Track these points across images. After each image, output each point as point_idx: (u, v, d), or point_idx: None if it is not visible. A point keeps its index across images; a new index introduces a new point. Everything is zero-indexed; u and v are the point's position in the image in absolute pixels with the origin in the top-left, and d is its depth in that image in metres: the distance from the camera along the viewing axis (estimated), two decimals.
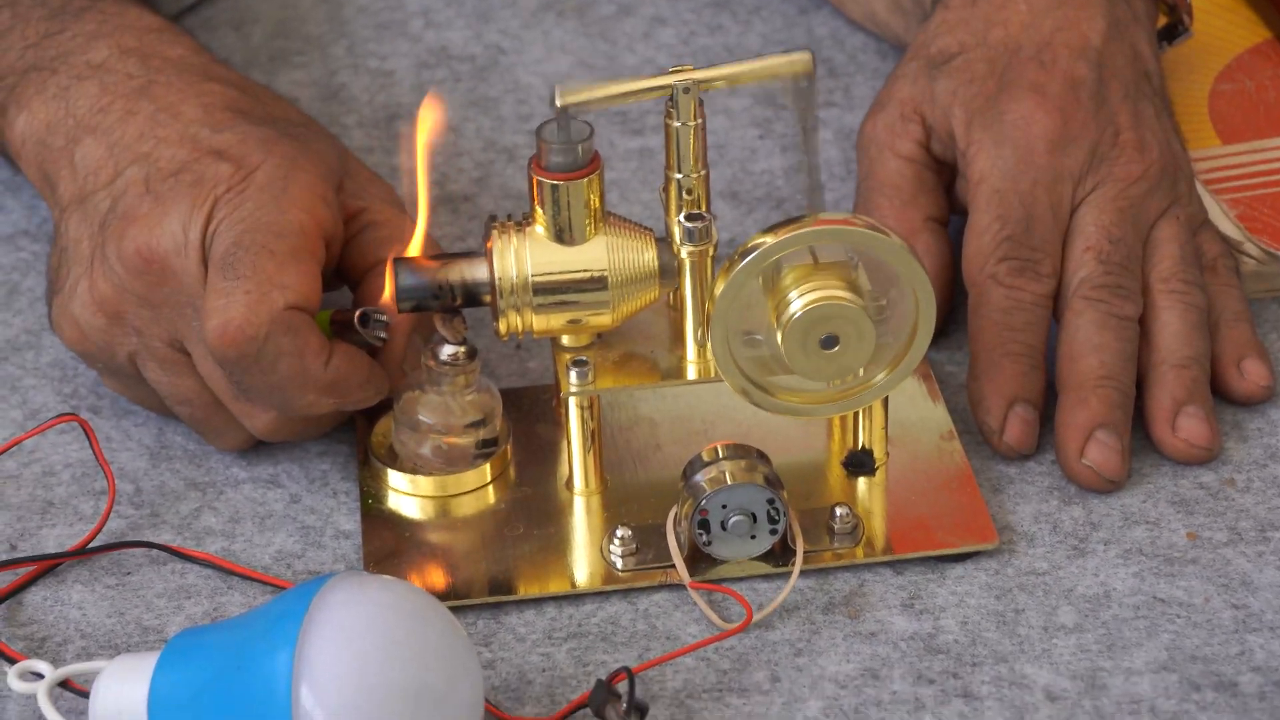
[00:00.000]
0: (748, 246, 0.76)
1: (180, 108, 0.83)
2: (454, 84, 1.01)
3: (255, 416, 0.81)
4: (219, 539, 0.81)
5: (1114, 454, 0.81)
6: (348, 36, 1.04)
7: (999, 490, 0.82)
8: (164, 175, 0.81)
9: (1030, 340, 0.83)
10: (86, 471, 0.84)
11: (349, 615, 0.69)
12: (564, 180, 0.77)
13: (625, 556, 0.79)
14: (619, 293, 0.79)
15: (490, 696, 0.75)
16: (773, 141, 0.98)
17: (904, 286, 0.77)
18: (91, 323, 0.81)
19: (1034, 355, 0.83)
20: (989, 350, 0.83)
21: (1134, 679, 0.75)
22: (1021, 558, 0.79)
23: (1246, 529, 0.80)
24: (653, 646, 0.77)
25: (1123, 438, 0.81)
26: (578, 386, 0.79)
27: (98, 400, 0.87)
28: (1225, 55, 0.98)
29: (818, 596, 0.78)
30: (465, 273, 0.79)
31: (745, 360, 0.78)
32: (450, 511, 0.81)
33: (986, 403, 0.82)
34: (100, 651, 0.77)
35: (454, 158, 0.97)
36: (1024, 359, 0.82)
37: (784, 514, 0.78)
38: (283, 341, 0.77)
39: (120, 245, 0.80)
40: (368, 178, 0.85)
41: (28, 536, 0.82)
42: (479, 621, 0.78)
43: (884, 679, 0.75)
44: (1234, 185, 0.91)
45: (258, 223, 0.78)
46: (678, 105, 0.77)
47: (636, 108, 0.99)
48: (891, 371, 0.79)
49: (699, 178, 0.78)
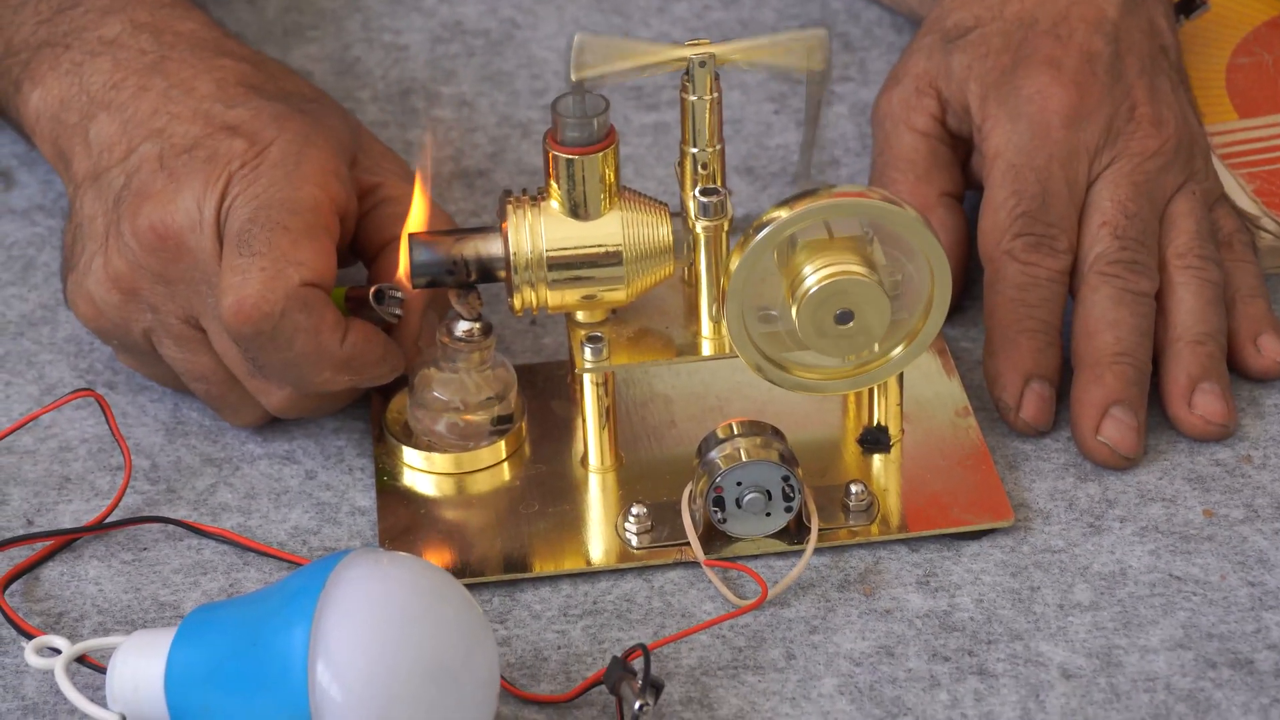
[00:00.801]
0: (762, 221, 0.76)
1: (193, 83, 0.83)
2: (468, 58, 1.01)
3: (271, 393, 0.81)
4: (235, 515, 0.81)
5: (1130, 431, 0.80)
6: (362, 11, 1.04)
7: (1014, 467, 0.82)
8: (178, 151, 0.80)
9: (1046, 316, 0.82)
10: (103, 447, 0.84)
11: (365, 592, 0.69)
12: (579, 155, 0.77)
13: (640, 534, 0.79)
14: (634, 268, 0.79)
15: (505, 673, 0.75)
16: (788, 116, 0.98)
17: (919, 261, 0.77)
18: (106, 299, 0.81)
19: (1050, 332, 0.83)
20: (1005, 327, 0.82)
21: (1149, 657, 0.75)
22: (1037, 535, 0.79)
23: (1263, 506, 0.80)
24: (668, 624, 0.77)
25: (1138, 414, 0.81)
26: (593, 363, 0.79)
27: (114, 376, 0.87)
28: (1243, 28, 0.97)
29: (833, 574, 0.78)
30: (480, 248, 0.78)
31: (760, 336, 0.78)
32: (465, 488, 0.81)
33: (1003, 379, 0.82)
34: (116, 627, 0.77)
35: (469, 133, 0.97)
36: (1040, 335, 0.82)
37: (799, 491, 0.78)
38: (298, 318, 0.77)
39: (135, 222, 0.80)
40: (381, 152, 0.85)
41: (44, 512, 0.82)
42: (494, 598, 0.78)
43: (899, 656, 0.75)
44: (1251, 159, 0.91)
45: (272, 199, 0.78)
46: (694, 79, 0.77)
47: (651, 82, 0.99)
48: (907, 347, 0.79)
49: (714, 152, 0.78)
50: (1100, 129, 0.84)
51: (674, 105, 0.98)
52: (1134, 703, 0.74)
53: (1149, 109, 0.85)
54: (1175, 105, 0.86)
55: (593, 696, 0.74)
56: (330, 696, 0.68)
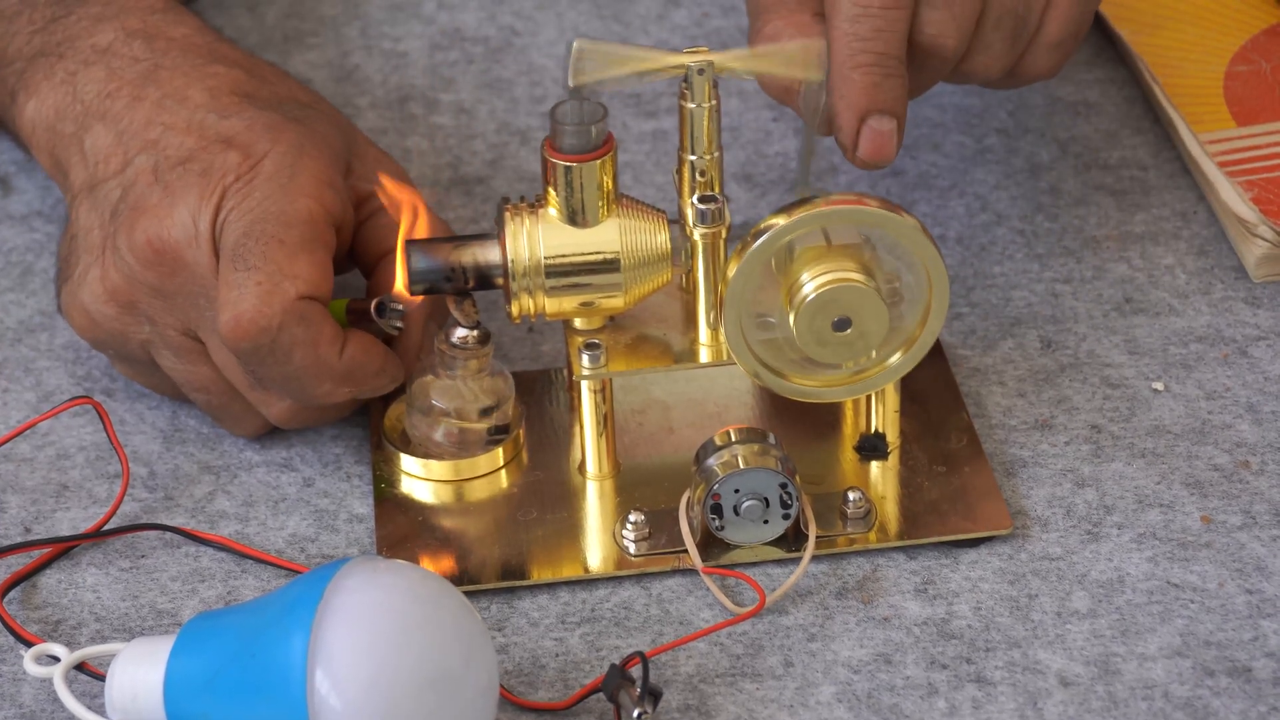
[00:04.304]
0: (760, 228, 0.76)
1: (186, 92, 0.82)
2: (467, 66, 1.01)
3: (271, 404, 0.81)
4: (233, 522, 0.81)
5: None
6: (361, 18, 1.04)
7: (1012, 474, 0.82)
8: (172, 164, 0.80)
9: (881, 48, 0.79)
10: (100, 454, 0.84)
11: (363, 600, 0.69)
12: (577, 162, 0.77)
13: (638, 541, 0.79)
14: (631, 275, 0.79)
15: (503, 681, 0.75)
16: (786, 124, 0.98)
17: (917, 268, 0.77)
18: (103, 311, 0.81)
19: (886, 63, 0.79)
20: (839, 64, 0.79)
21: (1147, 664, 0.75)
22: (1035, 542, 0.79)
23: (1261, 512, 0.80)
24: (666, 631, 0.77)
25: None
26: (590, 370, 0.79)
27: (111, 383, 0.87)
28: (1240, 36, 0.97)
29: (831, 581, 0.78)
30: (478, 255, 0.78)
31: (758, 343, 0.78)
32: (463, 496, 0.81)
33: (839, 120, 0.80)
34: (114, 635, 0.77)
35: (467, 140, 0.97)
36: (875, 69, 0.79)
37: (797, 498, 0.78)
38: (296, 332, 0.77)
39: (131, 236, 0.80)
40: (376, 158, 0.85)
41: (42, 519, 0.82)
42: (492, 606, 0.78)
43: (897, 664, 0.75)
44: (1249, 167, 0.91)
45: (267, 213, 0.78)
46: (692, 87, 0.77)
47: (650, 89, 0.99)
48: (904, 354, 0.79)
49: (712, 160, 0.78)
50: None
51: (672, 112, 0.98)
52: (1132, 710, 0.74)
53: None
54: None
55: (591, 704, 0.74)
56: (329, 705, 0.68)
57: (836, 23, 0.79)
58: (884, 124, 0.79)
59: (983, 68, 0.83)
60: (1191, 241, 0.91)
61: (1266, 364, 0.86)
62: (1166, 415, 0.84)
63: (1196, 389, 0.85)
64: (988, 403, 0.84)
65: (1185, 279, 0.90)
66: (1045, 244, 0.91)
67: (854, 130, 0.79)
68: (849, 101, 0.79)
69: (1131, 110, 0.97)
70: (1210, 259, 0.90)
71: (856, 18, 0.79)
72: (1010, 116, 0.97)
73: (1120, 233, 0.92)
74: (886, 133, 0.79)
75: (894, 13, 0.79)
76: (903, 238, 0.77)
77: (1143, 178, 0.94)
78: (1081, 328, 0.88)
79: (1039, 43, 0.83)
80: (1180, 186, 0.94)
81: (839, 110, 0.79)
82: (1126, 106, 0.98)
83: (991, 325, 0.88)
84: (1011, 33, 0.82)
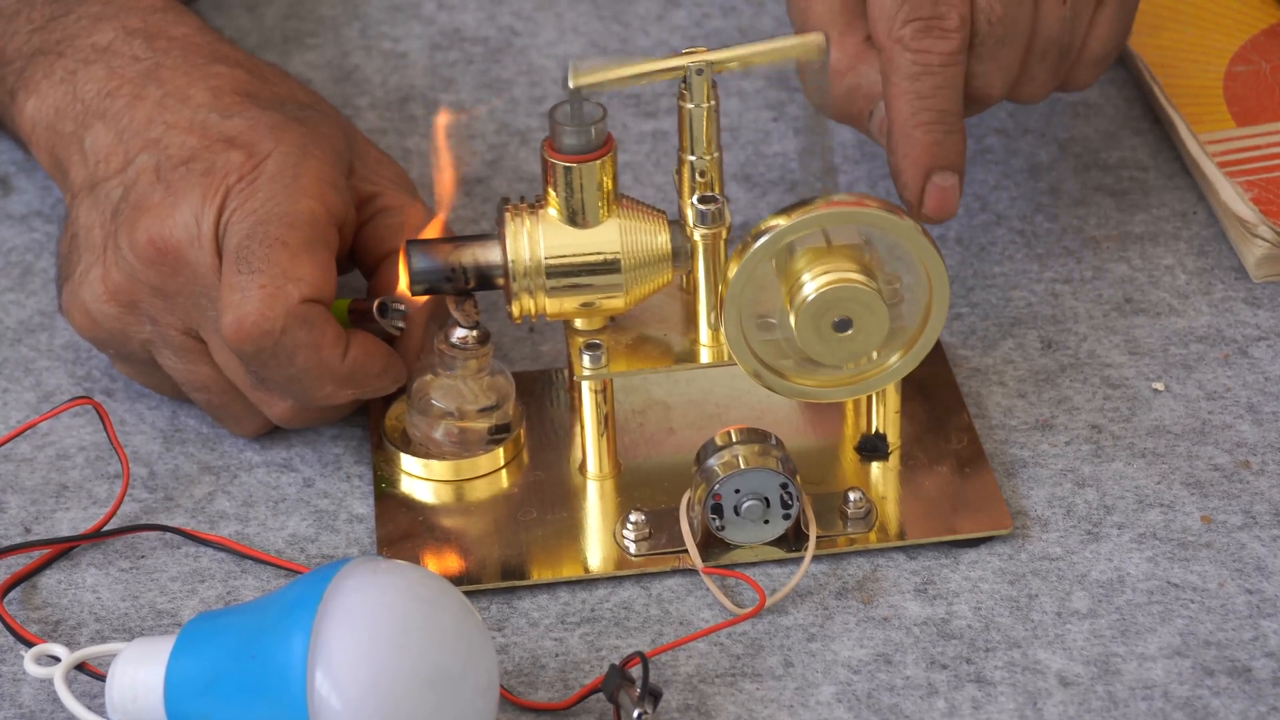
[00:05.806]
0: (761, 229, 0.76)
1: (188, 91, 0.82)
2: (467, 66, 1.01)
3: (273, 405, 0.81)
4: (232, 522, 0.81)
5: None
6: (360, 18, 1.04)
7: (1012, 474, 0.82)
8: (174, 164, 0.80)
9: (942, 105, 0.80)
10: (100, 455, 0.84)
11: (363, 601, 0.69)
12: (577, 162, 0.77)
13: (638, 541, 0.79)
14: (632, 275, 0.79)
15: (504, 681, 0.75)
16: (786, 124, 0.98)
17: (917, 268, 0.77)
18: (104, 311, 0.81)
19: (947, 119, 0.80)
20: (901, 121, 0.80)
21: (1147, 664, 0.75)
22: (1035, 542, 0.79)
23: (1261, 512, 0.80)
24: (666, 631, 0.77)
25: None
26: (591, 370, 0.79)
27: (111, 383, 0.87)
28: (1240, 37, 0.97)
29: (831, 581, 0.78)
30: (478, 255, 0.78)
31: (758, 343, 0.78)
32: (463, 496, 0.81)
33: (903, 177, 0.81)
34: (114, 635, 0.77)
35: (467, 140, 0.97)
36: (937, 126, 0.80)
37: (797, 499, 0.78)
38: (299, 335, 0.77)
39: (133, 236, 0.80)
40: (377, 159, 0.85)
41: (42, 520, 0.82)
42: (492, 606, 0.78)
43: (897, 664, 0.75)
44: (1249, 168, 0.91)
45: (269, 214, 0.78)
46: (691, 87, 0.77)
47: (650, 90, 0.99)
48: (905, 355, 0.79)
49: (712, 160, 0.78)
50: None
51: (672, 113, 0.98)
52: (1132, 710, 0.74)
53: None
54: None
55: (591, 704, 0.74)
56: (330, 705, 0.68)
57: (895, 80, 0.80)
58: (947, 180, 0.80)
59: (1027, 96, 0.84)
60: (1191, 242, 0.91)
61: (1267, 364, 0.86)
62: (1167, 415, 0.84)
63: (1197, 389, 0.85)
64: (988, 403, 0.84)
65: (1185, 279, 0.90)
66: (1045, 244, 0.91)
67: (919, 187, 0.80)
68: (913, 159, 0.80)
69: (1131, 110, 0.97)
70: (1210, 259, 0.90)
71: (917, 75, 0.80)
72: (1010, 117, 0.97)
73: (1120, 233, 0.92)
74: (950, 188, 0.81)
75: (952, 70, 0.80)
76: (903, 238, 0.77)
77: (1142, 178, 0.94)
78: (1082, 328, 0.88)
79: (1081, 61, 0.84)
80: (1180, 187, 0.94)
81: (904, 168, 0.80)
82: (1126, 107, 0.98)
83: (991, 325, 0.88)
84: (1056, 62, 0.83)
